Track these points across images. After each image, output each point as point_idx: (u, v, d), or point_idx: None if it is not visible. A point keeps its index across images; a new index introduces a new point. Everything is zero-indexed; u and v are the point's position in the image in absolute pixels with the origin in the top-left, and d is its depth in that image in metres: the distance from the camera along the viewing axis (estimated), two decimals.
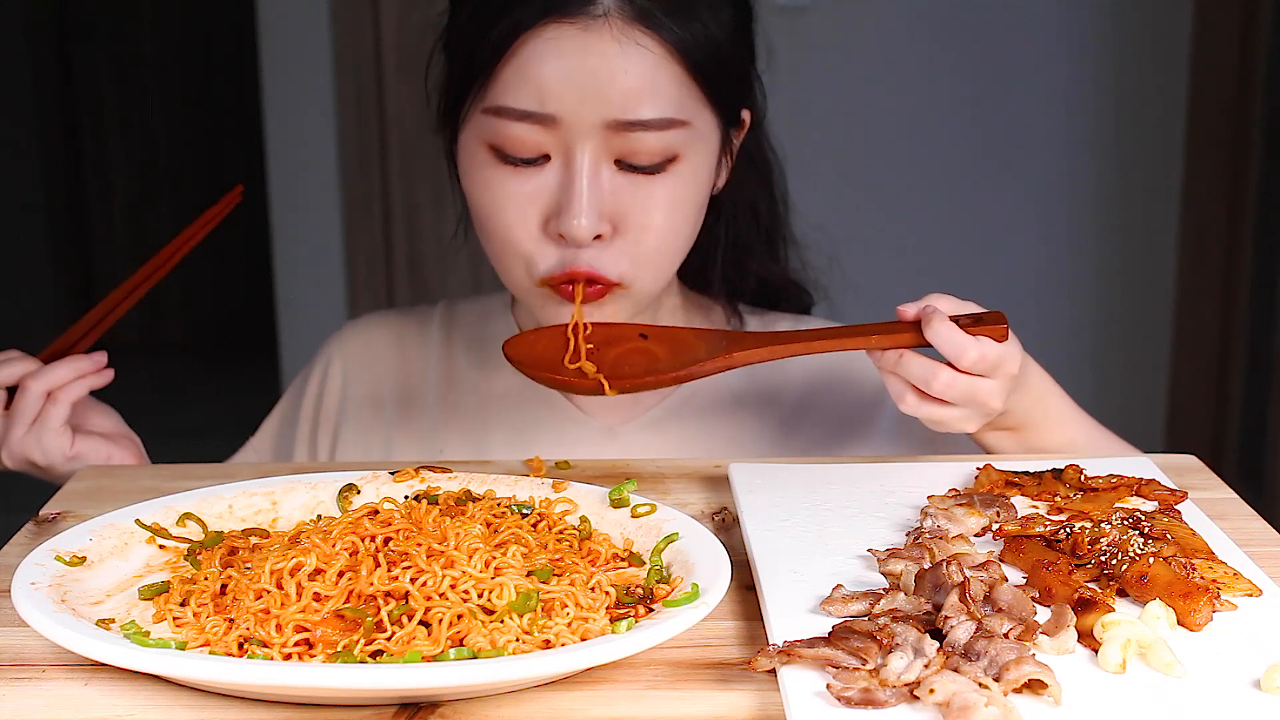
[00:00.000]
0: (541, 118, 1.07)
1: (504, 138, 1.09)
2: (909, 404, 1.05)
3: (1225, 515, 0.97)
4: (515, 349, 1.08)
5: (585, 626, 0.77)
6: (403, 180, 3.19)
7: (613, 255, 1.10)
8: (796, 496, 0.97)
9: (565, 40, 1.06)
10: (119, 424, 1.23)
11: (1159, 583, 0.81)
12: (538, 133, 1.08)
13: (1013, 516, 0.94)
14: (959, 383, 1.03)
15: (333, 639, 0.75)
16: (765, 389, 1.28)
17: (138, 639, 0.75)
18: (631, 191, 1.10)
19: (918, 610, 0.78)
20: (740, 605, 0.84)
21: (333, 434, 1.30)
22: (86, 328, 1.18)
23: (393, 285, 3.24)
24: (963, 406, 1.04)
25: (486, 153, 1.11)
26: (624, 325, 1.10)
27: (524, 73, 1.07)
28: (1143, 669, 0.74)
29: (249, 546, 0.88)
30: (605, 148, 1.08)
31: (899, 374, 1.04)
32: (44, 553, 0.84)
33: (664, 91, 1.08)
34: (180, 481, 1.06)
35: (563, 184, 1.09)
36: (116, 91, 4.91)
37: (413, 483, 0.98)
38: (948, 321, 1.02)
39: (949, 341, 1.02)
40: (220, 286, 4.86)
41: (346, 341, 1.34)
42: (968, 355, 1.02)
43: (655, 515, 0.91)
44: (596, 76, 1.06)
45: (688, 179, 1.12)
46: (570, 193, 1.08)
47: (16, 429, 1.14)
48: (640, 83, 1.07)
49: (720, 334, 1.08)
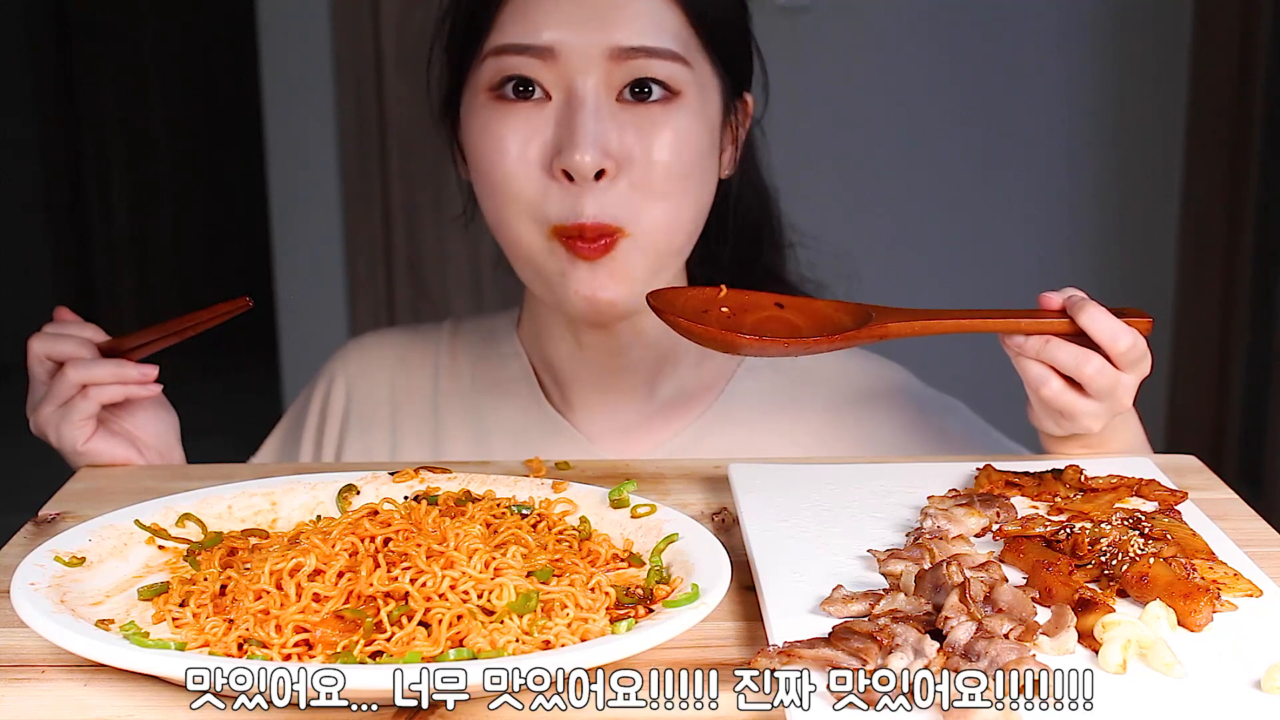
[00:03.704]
0: (540, 50, 1.08)
1: (504, 75, 1.09)
2: (1051, 391, 1.03)
3: (1225, 515, 0.97)
4: (657, 298, 1.06)
5: (585, 627, 0.77)
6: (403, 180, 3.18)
7: (617, 195, 1.09)
8: (796, 496, 0.97)
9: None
10: (163, 436, 1.19)
11: (1159, 583, 0.81)
12: (537, 67, 1.08)
13: (1013, 517, 0.94)
14: (1107, 372, 1.01)
15: (332, 639, 0.75)
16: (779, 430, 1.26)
17: (137, 639, 0.75)
18: (635, 124, 1.09)
19: (918, 611, 0.78)
20: (740, 605, 0.84)
21: (336, 452, 1.30)
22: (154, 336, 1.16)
23: (393, 285, 3.24)
24: (1100, 401, 1.03)
25: (487, 96, 1.11)
26: (760, 294, 1.07)
27: (525, 13, 1.09)
28: (1143, 669, 0.74)
29: (248, 547, 0.87)
30: (606, 80, 1.08)
31: (1044, 359, 1.02)
32: (43, 553, 0.84)
33: (666, 26, 1.09)
34: (180, 482, 1.06)
35: (564, 119, 1.08)
36: (116, 91, 4.91)
37: (412, 483, 0.98)
38: (1101, 307, 1.01)
39: (1104, 327, 1.00)
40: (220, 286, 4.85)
41: (350, 359, 1.33)
42: (1122, 341, 1.00)
43: (655, 515, 0.91)
44: (600, 10, 1.07)
45: (690, 119, 1.11)
46: (572, 126, 1.07)
47: (46, 405, 1.13)
48: (644, 15, 1.08)
49: (863, 307, 1.05)
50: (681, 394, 1.27)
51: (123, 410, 1.16)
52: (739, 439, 1.25)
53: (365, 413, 1.31)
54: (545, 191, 1.09)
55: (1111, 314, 1.01)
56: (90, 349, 1.13)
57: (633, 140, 1.09)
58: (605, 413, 1.25)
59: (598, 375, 1.24)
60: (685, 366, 1.27)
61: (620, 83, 1.09)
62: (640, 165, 1.09)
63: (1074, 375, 1.02)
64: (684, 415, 1.26)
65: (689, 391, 1.27)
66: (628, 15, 1.08)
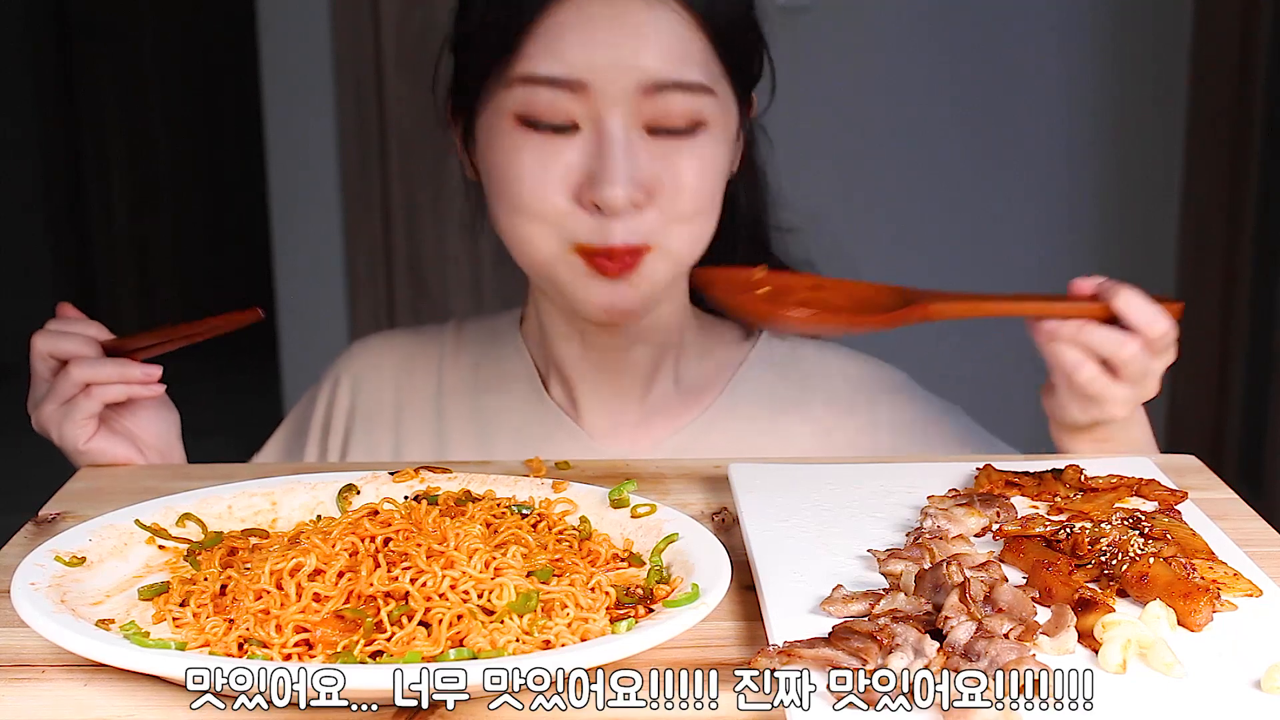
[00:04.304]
0: (572, 84, 1.07)
1: (533, 106, 1.09)
2: (1087, 375, 1.03)
3: (1225, 515, 0.97)
4: (701, 275, 1.06)
5: (585, 627, 0.77)
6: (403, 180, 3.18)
7: (645, 219, 1.10)
8: (796, 496, 0.97)
9: (594, 8, 1.08)
10: (165, 435, 1.18)
11: (1159, 583, 0.81)
12: (567, 100, 1.08)
13: (1013, 516, 0.94)
14: (1142, 356, 1.02)
15: (333, 639, 0.75)
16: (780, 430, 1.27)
17: (138, 639, 0.75)
18: (663, 156, 1.10)
19: (918, 610, 0.78)
20: (740, 605, 0.84)
21: (341, 451, 1.30)
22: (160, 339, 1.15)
23: (393, 285, 3.24)
24: (1132, 386, 1.04)
25: (513, 123, 1.10)
26: (797, 275, 1.08)
27: (554, 42, 1.08)
28: (1143, 669, 0.74)
29: (249, 547, 0.87)
30: (636, 113, 1.08)
31: (1081, 343, 1.03)
32: (43, 553, 0.84)
33: (694, 56, 1.09)
34: (180, 481, 1.06)
35: (594, 153, 1.08)
36: (116, 91, 4.91)
37: (412, 483, 0.98)
38: (1137, 291, 1.02)
39: (1142, 311, 1.02)
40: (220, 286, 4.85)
41: (354, 359, 1.34)
42: (1159, 325, 1.02)
43: (655, 515, 0.91)
44: (628, 42, 1.07)
45: (714, 146, 1.12)
46: (604, 161, 1.08)
47: (49, 403, 1.12)
48: (671, 45, 1.08)
49: (900, 289, 1.06)
50: (684, 391, 1.27)
51: (125, 410, 1.15)
52: (741, 437, 1.25)
53: (370, 413, 1.31)
54: (573, 216, 1.10)
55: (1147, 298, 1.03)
56: (94, 347, 1.13)
57: (661, 169, 1.10)
58: (609, 410, 1.26)
59: (602, 372, 1.25)
60: (688, 363, 1.28)
61: (649, 115, 1.09)
62: (668, 192, 1.10)
63: (1111, 358, 1.03)
64: (687, 412, 1.27)
65: (692, 388, 1.27)
66: (657, 47, 1.08)
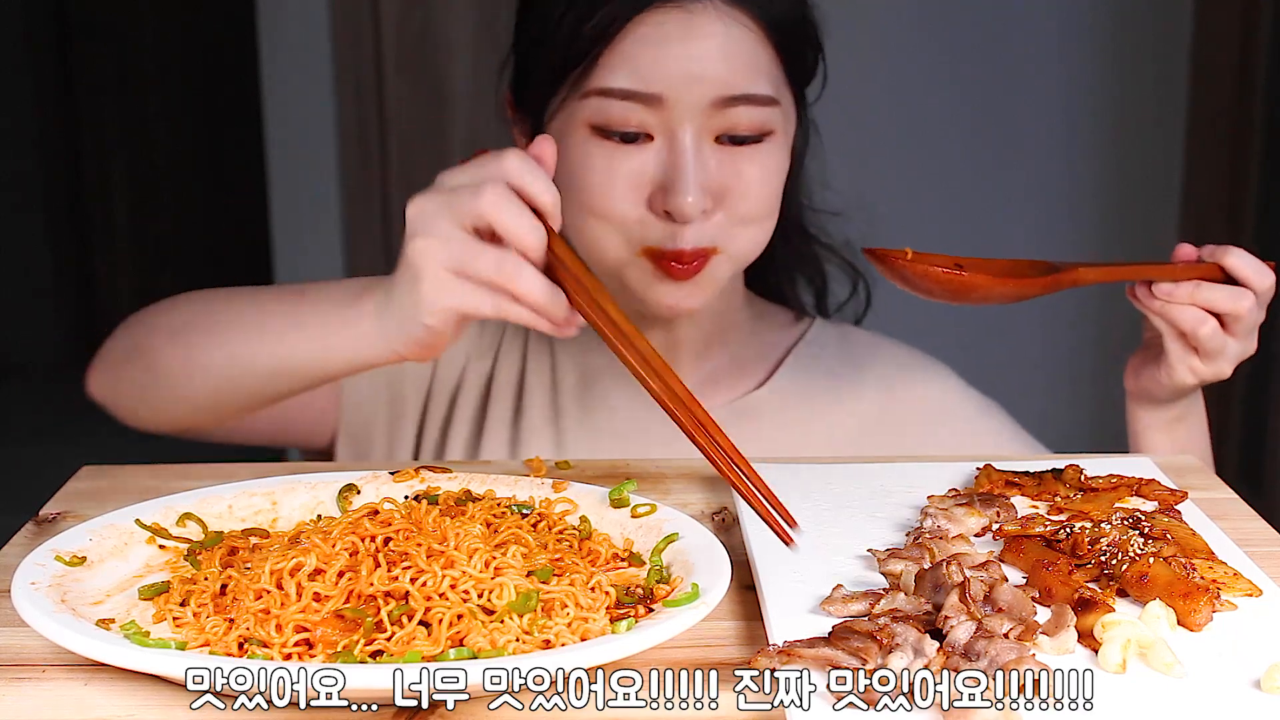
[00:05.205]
0: (647, 98, 1.11)
1: (608, 116, 1.12)
2: (1209, 330, 1.09)
3: (1225, 515, 0.97)
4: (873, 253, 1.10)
5: (585, 626, 0.77)
6: (403, 180, 3.18)
7: (714, 224, 1.14)
8: (796, 496, 0.97)
9: (670, 24, 1.11)
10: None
11: (1159, 583, 0.81)
12: (641, 112, 1.11)
13: (1013, 516, 0.94)
14: (1255, 310, 1.09)
15: (333, 639, 0.75)
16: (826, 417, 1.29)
17: (138, 639, 0.75)
18: (730, 163, 1.13)
19: (918, 610, 0.78)
20: (740, 605, 0.84)
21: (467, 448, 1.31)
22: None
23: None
24: (1243, 341, 1.11)
25: (587, 131, 1.13)
26: (940, 255, 1.10)
27: (629, 57, 1.11)
28: (1143, 669, 0.74)
29: (249, 547, 0.87)
30: (706, 125, 1.12)
31: (1198, 302, 1.08)
32: (44, 553, 0.84)
33: (762, 69, 1.13)
34: (180, 481, 1.06)
35: (667, 163, 1.12)
36: (116, 91, 4.91)
37: (412, 483, 0.98)
38: (1241, 249, 1.08)
39: (1250, 266, 1.08)
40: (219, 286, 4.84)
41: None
42: (1265, 279, 1.09)
43: (655, 515, 0.91)
44: (703, 58, 1.11)
45: (778, 152, 1.16)
46: (677, 171, 1.11)
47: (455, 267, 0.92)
48: (744, 61, 1.12)
49: (1040, 261, 1.10)
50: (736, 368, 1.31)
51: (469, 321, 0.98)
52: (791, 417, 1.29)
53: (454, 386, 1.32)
54: (644, 221, 1.13)
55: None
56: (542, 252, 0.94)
57: (729, 177, 1.13)
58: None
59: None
60: (740, 342, 1.32)
61: (719, 127, 1.13)
62: (735, 198, 1.14)
63: (1229, 312, 1.09)
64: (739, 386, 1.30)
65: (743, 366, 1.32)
66: (730, 64, 1.12)
